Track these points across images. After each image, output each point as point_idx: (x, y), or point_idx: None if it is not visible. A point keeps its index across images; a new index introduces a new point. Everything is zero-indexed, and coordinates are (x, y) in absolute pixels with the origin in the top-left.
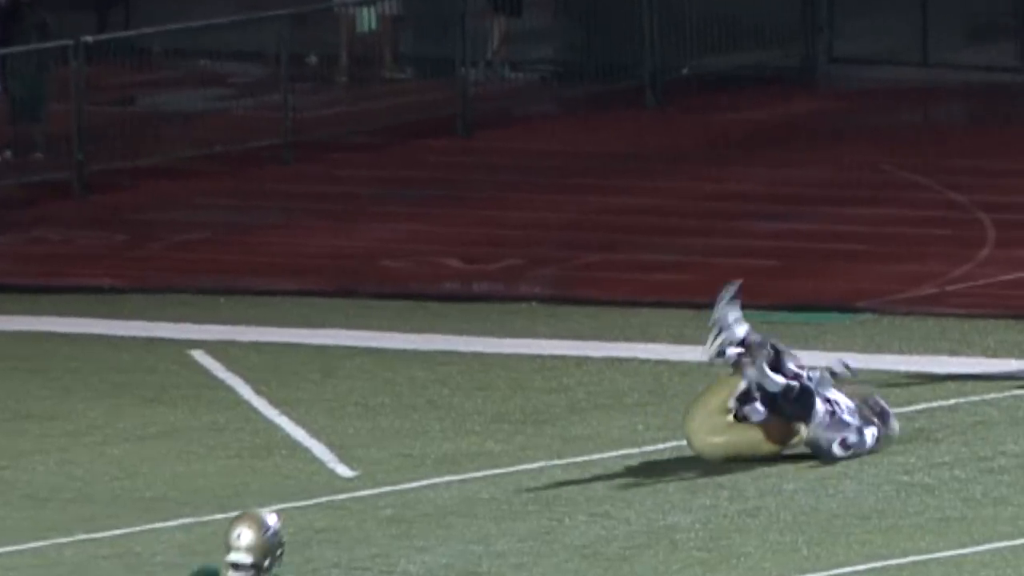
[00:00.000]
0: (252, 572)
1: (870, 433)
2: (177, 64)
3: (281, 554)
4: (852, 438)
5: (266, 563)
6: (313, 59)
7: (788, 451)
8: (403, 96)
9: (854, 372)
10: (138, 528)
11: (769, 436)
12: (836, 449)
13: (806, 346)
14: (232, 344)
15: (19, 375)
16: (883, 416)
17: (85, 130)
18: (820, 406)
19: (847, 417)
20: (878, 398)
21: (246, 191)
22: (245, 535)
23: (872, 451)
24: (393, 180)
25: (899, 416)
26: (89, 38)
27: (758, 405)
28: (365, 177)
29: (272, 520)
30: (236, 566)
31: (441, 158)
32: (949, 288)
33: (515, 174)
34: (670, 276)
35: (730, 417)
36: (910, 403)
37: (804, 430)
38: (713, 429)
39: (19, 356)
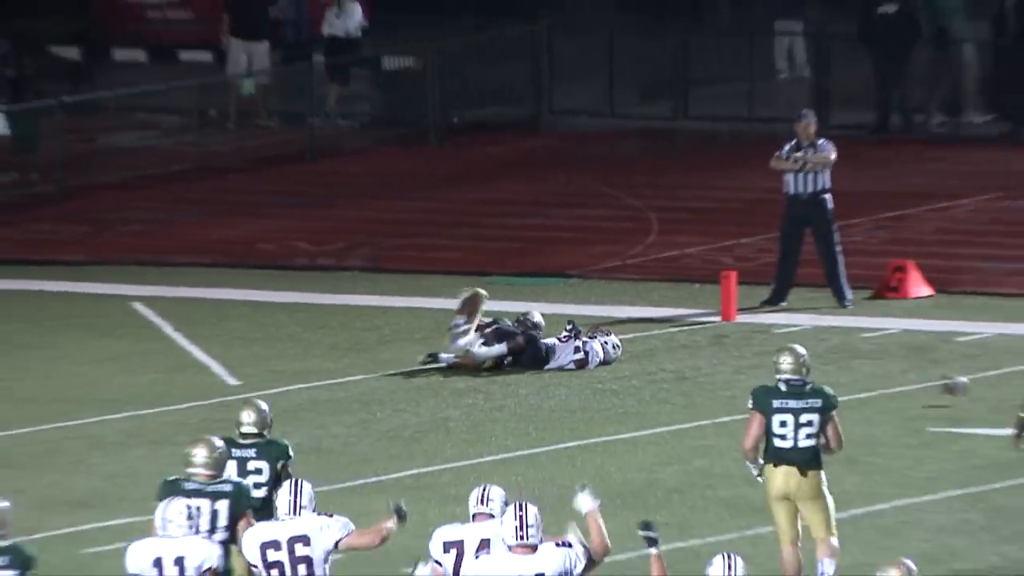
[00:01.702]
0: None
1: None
2: (124, 116)
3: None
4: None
5: (266, 432)
6: (213, 112)
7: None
8: (271, 137)
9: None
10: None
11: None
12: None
13: (535, 300)
14: (161, 299)
15: None
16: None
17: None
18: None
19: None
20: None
21: (171, 198)
22: (246, 414)
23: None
24: (266, 192)
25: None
26: (67, 98)
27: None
28: (249, 190)
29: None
30: (244, 435)
31: (297, 177)
32: (629, 261)
33: (345, 188)
34: (448, 254)
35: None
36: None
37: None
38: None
39: None
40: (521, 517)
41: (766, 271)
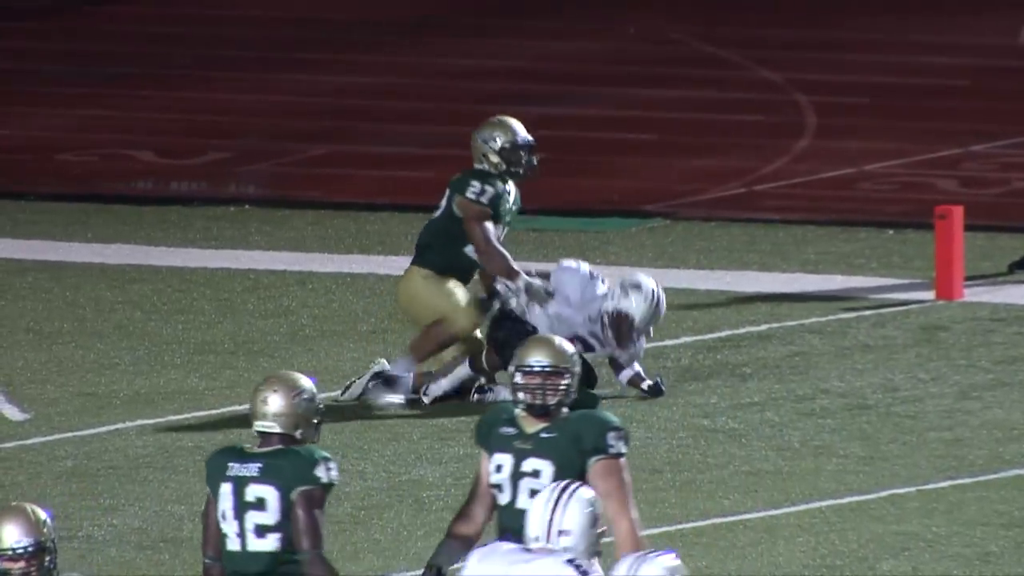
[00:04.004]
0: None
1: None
2: None
3: (319, 423)
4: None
5: (297, 433)
6: None
7: None
8: None
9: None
10: None
11: None
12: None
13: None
14: None
15: None
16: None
17: None
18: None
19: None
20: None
21: None
22: (272, 400)
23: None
24: (69, 54)
25: (698, 345)
26: None
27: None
28: (33, 51)
29: (306, 383)
30: (262, 435)
31: (128, 27)
32: (759, 188)
33: (219, 46)
34: (412, 172)
35: None
36: (711, 329)
37: None
38: None
39: None
40: None
41: (1020, 206)
